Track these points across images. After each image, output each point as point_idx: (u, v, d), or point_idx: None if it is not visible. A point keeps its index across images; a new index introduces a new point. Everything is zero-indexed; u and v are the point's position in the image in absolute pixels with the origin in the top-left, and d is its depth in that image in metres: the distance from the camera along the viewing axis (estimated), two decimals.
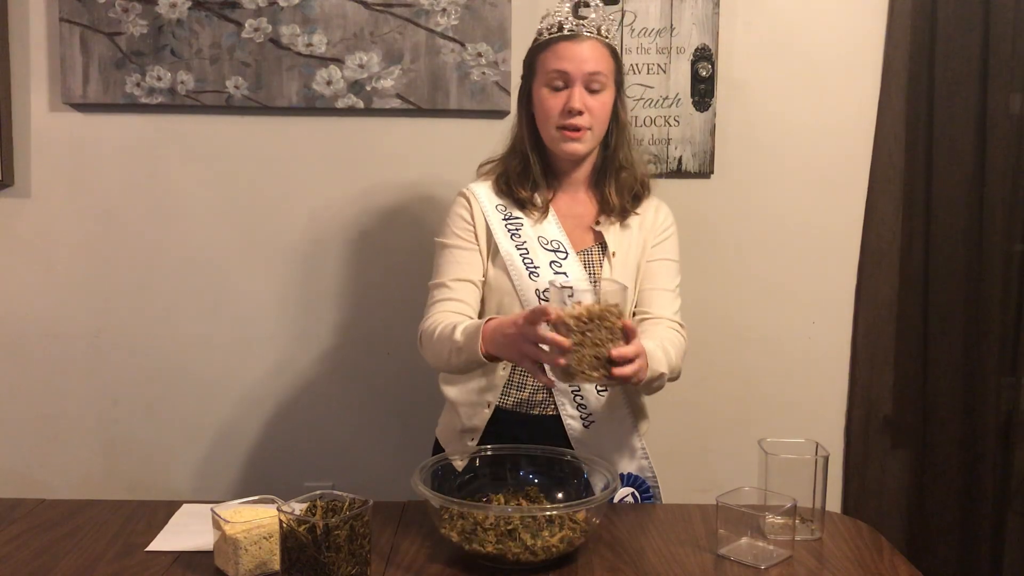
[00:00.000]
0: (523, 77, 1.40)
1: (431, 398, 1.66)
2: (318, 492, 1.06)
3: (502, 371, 1.35)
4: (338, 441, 1.98)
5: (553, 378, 1.04)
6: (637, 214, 1.42)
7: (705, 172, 1.91)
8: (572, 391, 1.35)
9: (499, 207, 1.37)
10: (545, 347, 1.06)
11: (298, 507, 1.03)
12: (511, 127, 1.44)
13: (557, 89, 1.33)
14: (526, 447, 1.25)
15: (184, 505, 1.26)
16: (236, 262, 1.93)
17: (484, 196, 1.38)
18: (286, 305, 1.95)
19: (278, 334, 1.95)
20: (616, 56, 1.37)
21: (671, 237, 1.45)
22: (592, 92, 1.33)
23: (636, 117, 1.88)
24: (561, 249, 1.36)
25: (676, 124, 1.89)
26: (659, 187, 1.86)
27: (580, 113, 1.32)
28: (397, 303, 1.95)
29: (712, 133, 1.90)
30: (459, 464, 1.24)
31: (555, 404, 1.36)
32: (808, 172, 1.94)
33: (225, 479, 1.97)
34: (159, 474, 1.97)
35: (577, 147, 1.35)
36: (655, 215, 1.44)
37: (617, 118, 1.39)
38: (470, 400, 1.39)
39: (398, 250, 1.93)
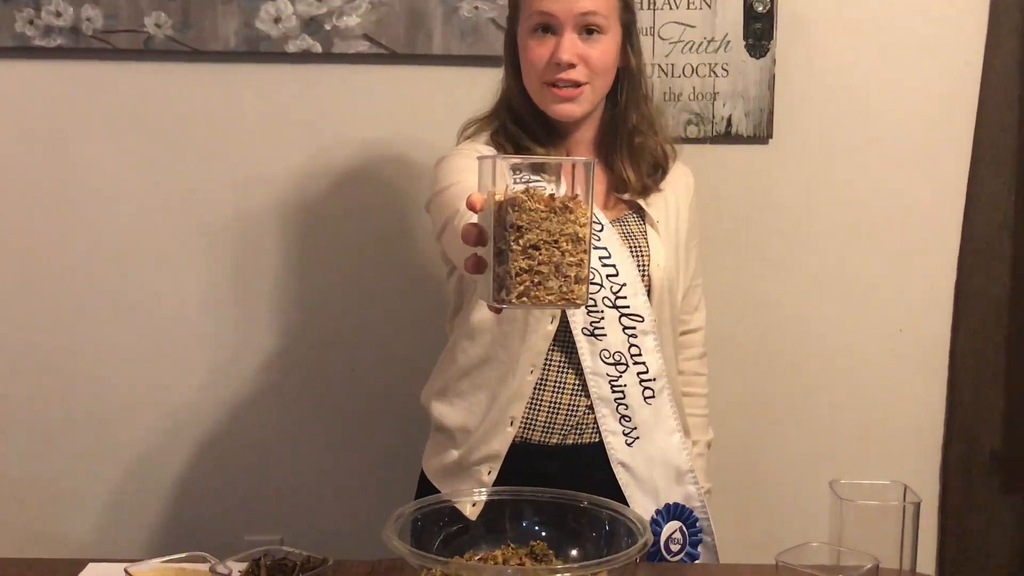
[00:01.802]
0: (508, 18, 1.43)
1: (411, 425, 1.67)
2: (262, 548, 1.06)
3: (529, 375, 1.38)
4: (288, 481, 1.99)
5: (488, 299, 0.95)
6: (661, 190, 1.46)
7: (761, 136, 1.92)
8: (616, 399, 1.39)
9: (514, 168, 1.40)
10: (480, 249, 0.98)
11: (237, 568, 1.03)
12: (500, 79, 1.47)
13: (543, 35, 1.35)
14: (531, 490, 1.26)
15: (90, 565, 1.26)
16: (157, 250, 1.93)
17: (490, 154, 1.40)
18: (222, 306, 1.95)
19: (211, 344, 1.95)
20: None
21: (698, 201, 1.52)
22: (588, 37, 1.35)
23: (672, 65, 1.88)
24: (595, 220, 1.37)
25: (724, 74, 1.89)
26: (703, 155, 1.87)
27: (572, 65, 1.34)
28: (365, 303, 1.95)
29: (771, 86, 1.90)
30: (471, 510, 1.26)
31: (596, 423, 1.39)
32: (894, 138, 1.93)
33: (142, 530, 1.97)
34: (57, 524, 1.96)
35: (572, 108, 1.37)
36: (680, 173, 1.50)
37: (627, 68, 1.41)
38: (486, 418, 1.41)
39: (366, 234, 1.93)
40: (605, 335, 1.38)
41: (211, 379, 1.96)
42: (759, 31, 1.87)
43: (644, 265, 1.41)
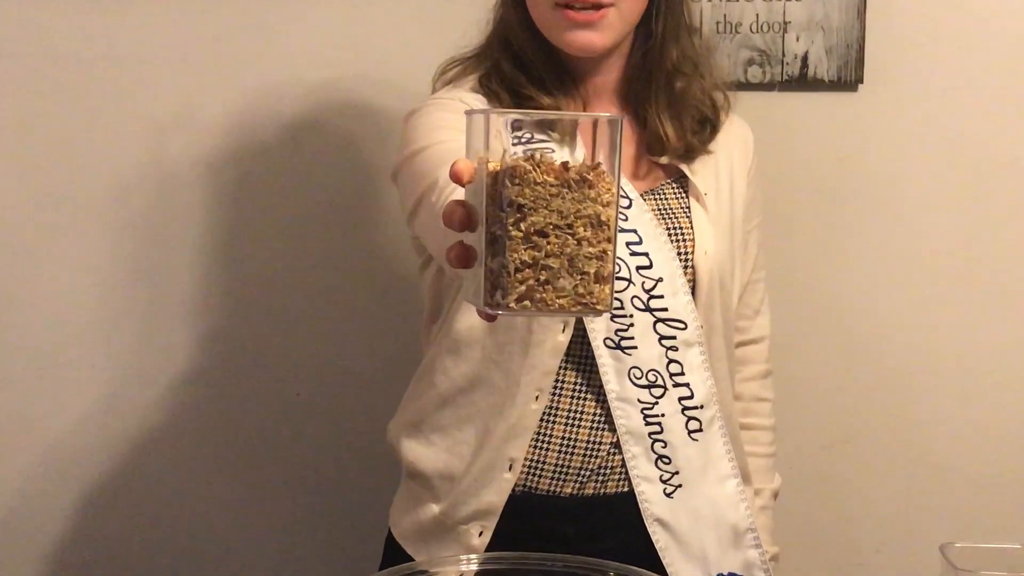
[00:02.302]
0: None
1: (375, 469, 1.70)
2: None
3: (534, 403, 1.39)
4: (211, 545, 1.98)
5: (477, 303, 0.94)
6: (710, 152, 1.48)
7: (849, 80, 1.91)
8: (650, 434, 1.39)
9: (514, 125, 1.43)
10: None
11: None
12: (493, 5, 1.48)
13: None
14: (538, 556, 1.24)
15: None
16: (32, 222, 1.91)
17: (479, 106, 1.41)
18: (120, 303, 1.94)
19: (105, 354, 1.94)
20: None
21: (759, 167, 1.55)
22: None
23: None
24: (621, 193, 1.38)
25: None
26: (768, 106, 1.89)
27: None
28: (313, 304, 1.95)
29: (860, 13, 1.90)
30: None
31: (624, 467, 1.41)
32: None
33: None
34: None
35: (591, 38, 1.38)
36: (737, 129, 1.53)
37: None
38: (476, 461, 1.42)
39: (316, 209, 1.94)
40: (635, 348, 1.38)
41: (105, 404, 1.95)
42: None
43: (687, 253, 1.41)
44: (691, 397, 1.40)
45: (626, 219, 1.38)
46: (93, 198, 1.92)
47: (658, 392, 1.39)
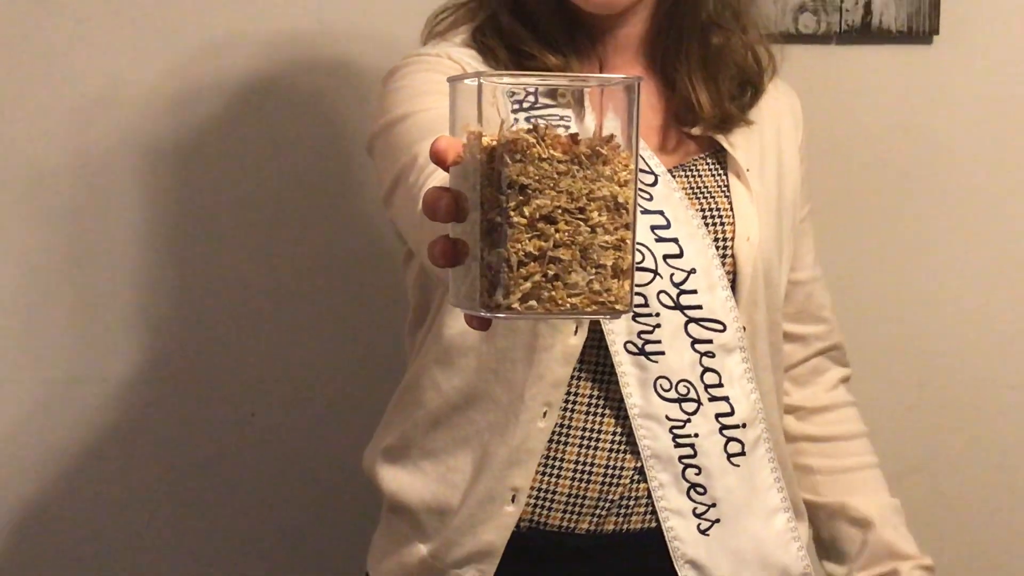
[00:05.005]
0: None
1: (348, 503, 1.78)
2: None
3: (540, 421, 1.42)
4: None
5: (470, 306, 0.96)
6: (751, 122, 1.52)
7: (922, 32, 1.92)
8: (682, 458, 1.42)
9: (511, 93, 1.43)
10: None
11: None
12: None
13: None
14: None
15: None
16: None
17: (471, 64, 1.45)
18: (38, 309, 1.98)
19: (20, 365, 1.98)
20: None
21: (809, 142, 1.58)
22: None
23: None
24: (643, 168, 1.42)
25: None
26: (824, 64, 1.94)
27: None
28: (271, 303, 1.99)
29: None
30: None
31: (650, 498, 1.44)
32: None
33: None
34: None
35: None
36: (784, 97, 1.56)
37: None
38: (473, 492, 1.44)
39: (277, 189, 1.97)
40: (663, 354, 1.41)
41: (18, 427, 1.98)
42: None
43: (726, 239, 1.45)
44: (731, 414, 1.43)
45: (650, 198, 1.41)
46: (9, 186, 1.95)
47: (690, 407, 1.41)
